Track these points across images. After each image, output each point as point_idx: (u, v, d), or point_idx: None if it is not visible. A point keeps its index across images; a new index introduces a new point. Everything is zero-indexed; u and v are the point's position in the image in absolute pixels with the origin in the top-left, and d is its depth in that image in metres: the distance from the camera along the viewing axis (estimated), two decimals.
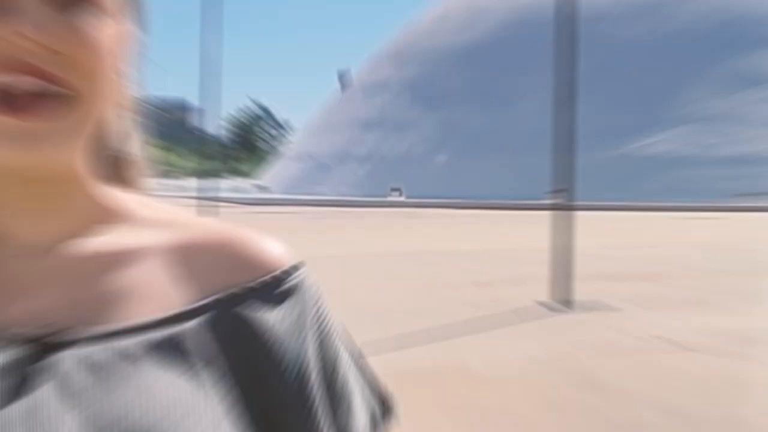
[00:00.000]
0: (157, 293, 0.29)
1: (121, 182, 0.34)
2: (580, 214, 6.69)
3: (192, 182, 22.56)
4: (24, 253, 0.29)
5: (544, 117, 8.10)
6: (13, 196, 0.28)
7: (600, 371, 3.91)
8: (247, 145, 60.31)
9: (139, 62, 0.33)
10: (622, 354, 4.32)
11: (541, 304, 5.65)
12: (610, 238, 10.26)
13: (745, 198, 17.16)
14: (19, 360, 0.24)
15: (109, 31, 0.27)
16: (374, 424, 0.33)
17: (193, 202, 11.50)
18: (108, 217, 0.31)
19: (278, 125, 63.97)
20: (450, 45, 23.72)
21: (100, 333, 0.26)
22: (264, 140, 62.04)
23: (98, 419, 0.24)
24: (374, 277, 7.27)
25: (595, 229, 9.99)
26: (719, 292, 6.15)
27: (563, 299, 5.57)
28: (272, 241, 0.32)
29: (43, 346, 0.25)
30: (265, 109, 63.99)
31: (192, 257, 0.30)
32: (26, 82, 0.24)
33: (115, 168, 0.34)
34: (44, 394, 0.23)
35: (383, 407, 0.34)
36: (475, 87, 21.42)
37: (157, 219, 0.32)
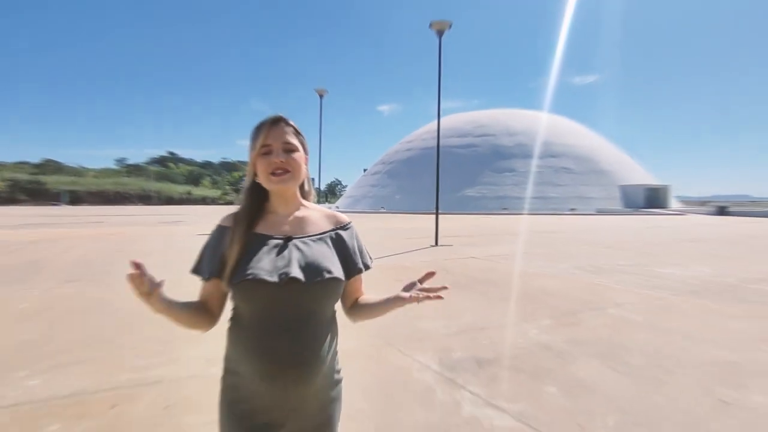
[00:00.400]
0: (318, 225, 1.18)
1: (304, 196, 1.22)
2: (442, 216, 14.17)
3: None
4: (282, 215, 1.15)
5: (433, 182, 22.20)
6: (279, 200, 1.15)
7: (456, 268, 8.23)
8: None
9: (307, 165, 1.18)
10: (456, 260, 9.24)
11: (430, 244, 11.98)
12: (453, 223, 17.20)
13: (504, 209, 31.95)
14: (282, 243, 1.09)
15: (302, 156, 1.13)
16: (368, 266, 1.23)
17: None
18: (300, 206, 1.19)
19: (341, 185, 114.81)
20: (406, 156, 46.60)
21: (303, 235, 1.14)
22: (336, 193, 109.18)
23: (304, 256, 1.07)
24: (370, 235, 13.65)
25: (447, 221, 17.10)
26: (491, 243, 12.13)
27: (435, 243, 12.00)
28: (343, 215, 1.24)
29: (289, 239, 1.11)
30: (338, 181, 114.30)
31: (325, 217, 1.21)
32: (282, 169, 1.09)
33: (303, 192, 1.22)
34: (289, 249, 1.08)
35: (371, 261, 1.25)
36: (411, 172, 42.11)
37: (313, 206, 1.23)
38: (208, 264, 1.13)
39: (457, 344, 3.91)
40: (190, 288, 1.29)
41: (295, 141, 1.14)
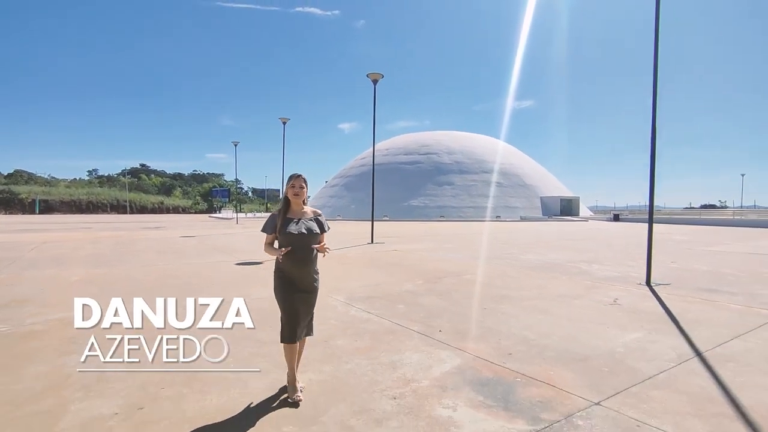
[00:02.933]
0: (309, 214, 2.83)
1: (304, 204, 2.87)
2: (390, 222, 16.09)
3: None
4: (296, 210, 2.80)
5: (384, 193, 20.68)
6: (295, 204, 2.81)
7: (379, 256, 10.51)
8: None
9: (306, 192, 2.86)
10: (381, 251, 11.34)
11: (367, 242, 14.09)
12: (395, 228, 19.45)
13: (442, 217, 33.08)
14: (297, 220, 2.76)
15: (305, 189, 2.82)
16: (328, 228, 2.93)
17: None
18: (303, 206, 2.84)
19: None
20: (360, 171, 47.00)
21: (304, 217, 2.79)
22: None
23: (306, 225, 2.76)
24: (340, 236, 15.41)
25: (391, 226, 19.30)
26: (415, 241, 14.21)
27: (371, 241, 14.29)
28: (318, 210, 2.95)
29: (299, 219, 2.78)
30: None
31: (312, 211, 2.87)
32: (297, 192, 2.76)
33: (304, 202, 2.86)
34: (300, 223, 2.75)
35: (328, 228, 2.92)
36: (364, 185, 40.59)
37: (307, 207, 2.88)
38: (271, 228, 2.77)
39: (360, 292, 6.15)
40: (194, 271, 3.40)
41: (303, 183, 2.79)
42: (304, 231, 2.75)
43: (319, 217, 2.90)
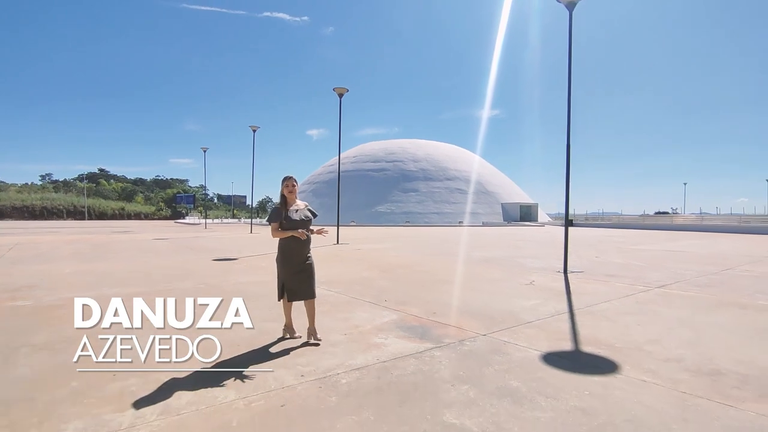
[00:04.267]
0: (302, 205, 3.83)
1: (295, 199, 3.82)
2: (358, 227, 17.19)
3: None
4: (291, 203, 3.77)
5: (351, 199, 20.69)
6: (291, 199, 3.77)
7: (343, 254, 11.93)
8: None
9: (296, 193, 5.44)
10: (345, 250, 12.65)
11: (333, 243, 15.31)
12: (362, 232, 20.72)
13: (407, 222, 34.28)
14: (295, 210, 3.76)
15: (296, 187, 3.79)
16: (315, 215, 3.94)
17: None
18: (296, 200, 3.82)
19: (271, 202, 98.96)
20: (328, 177, 47.26)
21: (300, 208, 3.81)
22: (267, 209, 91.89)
23: (303, 214, 3.80)
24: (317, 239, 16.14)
25: (358, 230, 20.50)
26: (377, 242, 15.90)
27: (337, 242, 15.48)
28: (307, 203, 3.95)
29: (296, 210, 3.77)
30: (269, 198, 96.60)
31: (305, 204, 3.88)
32: (291, 189, 3.76)
33: (296, 197, 3.81)
34: (298, 212, 3.77)
35: (313, 216, 3.90)
36: (332, 191, 44.40)
37: (299, 201, 3.86)
38: (277, 217, 3.68)
39: (323, 278, 7.31)
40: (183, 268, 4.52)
41: (294, 182, 3.74)
42: (303, 218, 3.77)
43: (309, 207, 3.97)
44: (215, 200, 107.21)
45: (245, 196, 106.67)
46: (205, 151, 35.78)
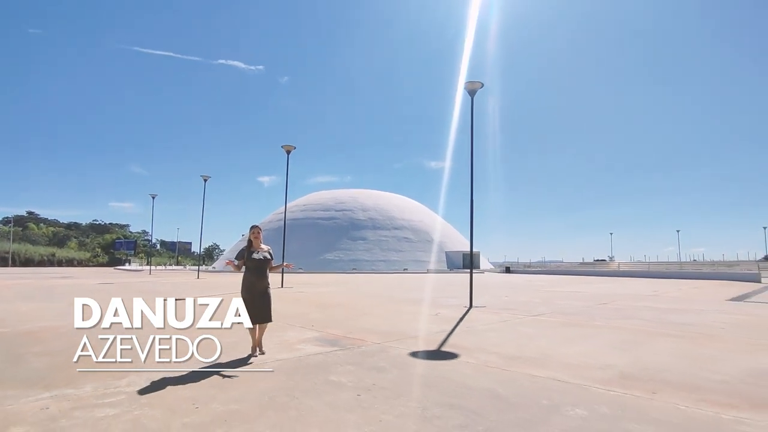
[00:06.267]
0: (264, 249, 4.98)
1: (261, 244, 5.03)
2: (306, 274, 18.59)
3: None
4: (256, 248, 4.96)
5: (301, 247, 20.89)
6: (256, 243, 4.99)
7: (286, 295, 13.87)
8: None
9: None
10: (288, 293, 14.83)
11: (277, 287, 16.54)
12: (308, 278, 21.99)
13: (354, 269, 35.46)
14: (257, 252, 4.94)
15: (260, 235, 5.05)
16: (273, 257, 5.05)
17: None
18: (261, 245, 5.01)
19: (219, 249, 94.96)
20: (277, 225, 67.83)
21: (261, 251, 4.98)
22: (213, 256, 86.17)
23: (263, 255, 4.96)
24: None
25: (305, 276, 21.66)
26: (318, 286, 17.63)
27: (281, 286, 16.64)
28: (268, 246, 5.24)
29: (259, 251, 4.93)
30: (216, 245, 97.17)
31: (267, 248, 5.01)
32: (256, 236, 5.04)
33: (260, 243, 5.02)
34: (260, 254, 4.95)
35: (272, 257, 5.03)
36: (280, 239, 55.75)
37: (263, 245, 5.05)
38: (241, 256, 4.85)
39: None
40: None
41: (259, 230, 5.18)
42: (262, 258, 5.09)
43: (270, 251, 5.27)
44: (158, 246, 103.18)
45: (191, 243, 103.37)
46: (153, 198, 35.98)
